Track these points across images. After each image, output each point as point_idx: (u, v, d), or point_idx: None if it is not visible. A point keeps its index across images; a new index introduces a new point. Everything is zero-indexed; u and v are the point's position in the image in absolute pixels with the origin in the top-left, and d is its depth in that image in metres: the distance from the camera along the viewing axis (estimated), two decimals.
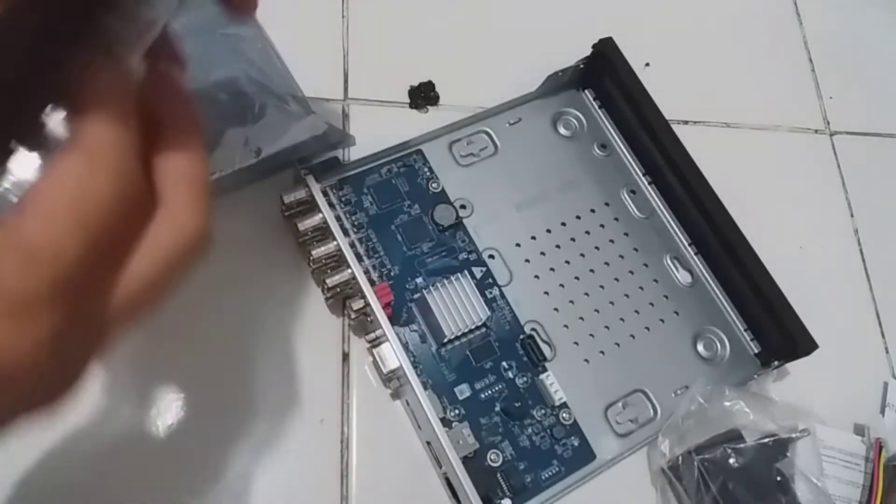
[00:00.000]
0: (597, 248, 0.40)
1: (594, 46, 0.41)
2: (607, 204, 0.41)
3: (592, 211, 0.41)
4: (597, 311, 0.38)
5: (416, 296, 0.36)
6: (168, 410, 0.33)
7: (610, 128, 0.43)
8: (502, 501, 0.33)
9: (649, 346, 0.38)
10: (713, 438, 0.35)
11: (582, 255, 0.39)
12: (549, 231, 0.39)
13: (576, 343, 0.37)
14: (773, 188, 0.46)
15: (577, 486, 0.35)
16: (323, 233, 0.35)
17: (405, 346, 0.34)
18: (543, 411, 0.35)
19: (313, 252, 0.34)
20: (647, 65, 0.45)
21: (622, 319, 0.38)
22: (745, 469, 0.34)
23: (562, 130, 0.42)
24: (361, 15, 0.44)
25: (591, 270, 0.39)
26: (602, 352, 0.37)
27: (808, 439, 0.36)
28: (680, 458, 0.35)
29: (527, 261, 0.38)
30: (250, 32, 0.37)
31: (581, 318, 0.38)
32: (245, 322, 0.35)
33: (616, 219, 0.41)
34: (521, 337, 0.37)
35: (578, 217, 0.40)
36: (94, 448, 0.31)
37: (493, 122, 0.41)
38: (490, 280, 0.38)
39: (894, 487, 0.38)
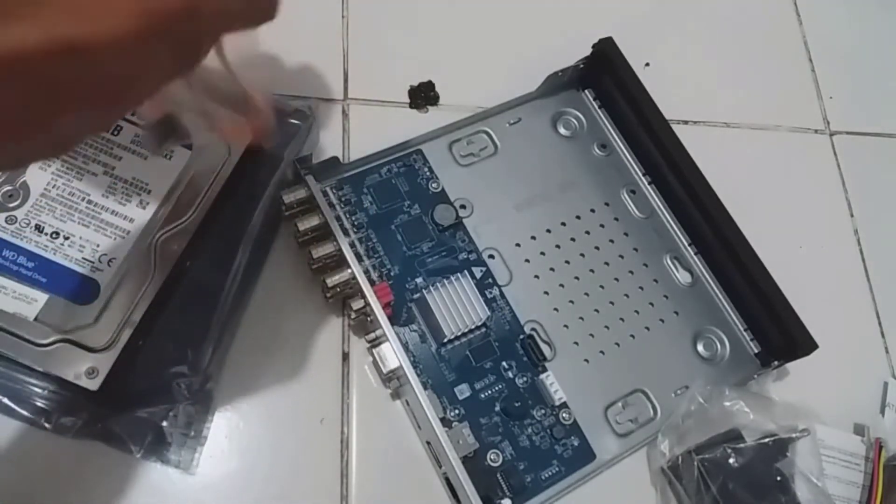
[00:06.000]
0: (597, 248, 0.40)
1: (594, 46, 0.41)
2: (607, 204, 0.41)
3: (592, 211, 0.41)
4: (597, 310, 0.38)
5: (416, 296, 0.36)
6: None
7: (610, 128, 0.43)
8: (502, 501, 0.33)
9: (649, 346, 0.38)
10: (713, 438, 0.35)
11: (582, 255, 0.39)
12: (548, 231, 0.39)
13: (576, 343, 0.37)
14: (773, 188, 0.46)
15: (577, 486, 0.35)
16: (323, 233, 0.35)
17: (405, 346, 0.34)
18: (543, 411, 0.35)
19: (313, 252, 0.34)
20: (647, 65, 0.45)
21: (622, 319, 0.38)
22: (745, 469, 0.34)
23: (562, 130, 0.42)
24: (361, 15, 0.44)
25: (591, 270, 0.39)
26: (602, 352, 0.37)
27: (807, 439, 0.36)
28: (680, 457, 0.35)
29: (527, 261, 0.38)
30: None
31: (581, 318, 0.38)
32: (244, 321, 0.35)
33: (616, 219, 0.41)
34: (521, 337, 0.37)
35: (578, 217, 0.40)
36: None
37: (493, 122, 0.41)
38: (490, 280, 0.38)
39: (894, 487, 0.38)
